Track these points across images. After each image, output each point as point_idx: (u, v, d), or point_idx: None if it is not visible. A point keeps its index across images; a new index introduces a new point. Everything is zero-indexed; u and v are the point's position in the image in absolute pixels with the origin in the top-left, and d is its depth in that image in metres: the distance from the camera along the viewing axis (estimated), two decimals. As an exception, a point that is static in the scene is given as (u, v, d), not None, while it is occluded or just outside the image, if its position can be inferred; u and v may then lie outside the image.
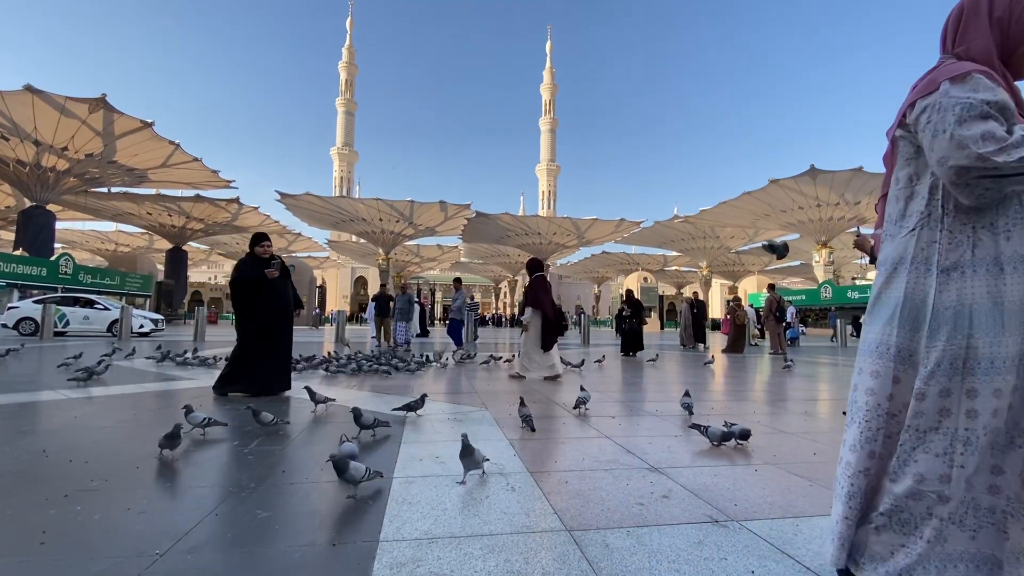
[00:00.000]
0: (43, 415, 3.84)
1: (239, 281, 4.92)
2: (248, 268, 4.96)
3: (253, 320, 4.90)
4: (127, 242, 52.86)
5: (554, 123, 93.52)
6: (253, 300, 4.91)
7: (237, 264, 5.08)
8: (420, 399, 3.82)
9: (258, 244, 5.06)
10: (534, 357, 6.66)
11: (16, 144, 25.39)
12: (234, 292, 4.97)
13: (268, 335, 4.90)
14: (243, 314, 4.93)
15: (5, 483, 2.28)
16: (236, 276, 4.96)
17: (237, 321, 4.94)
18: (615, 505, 2.06)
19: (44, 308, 14.61)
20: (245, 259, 5.05)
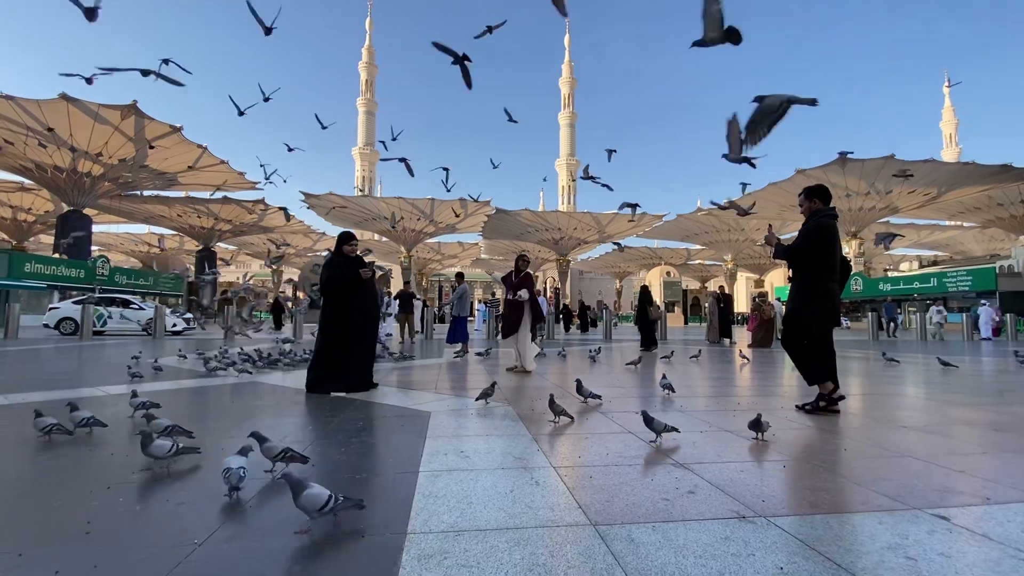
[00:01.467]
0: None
1: (335, 280, 4.90)
2: (340, 267, 4.95)
3: (345, 319, 4.89)
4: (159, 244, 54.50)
5: (573, 117, 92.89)
6: (347, 299, 4.90)
7: (327, 263, 5.08)
8: (491, 387, 4.17)
9: (346, 243, 5.08)
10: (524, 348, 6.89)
11: (53, 151, 26.44)
12: (328, 291, 4.95)
13: (361, 333, 4.92)
14: (334, 313, 4.92)
15: (52, 476, 2.40)
16: (331, 275, 4.94)
17: (326, 320, 4.94)
18: (640, 500, 2.05)
19: (83, 308, 15.21)
20: (334, 258, 5.04)
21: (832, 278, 4.07)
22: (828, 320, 4.07)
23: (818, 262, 4.04)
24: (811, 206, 4.21)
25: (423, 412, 3.91)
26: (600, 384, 5.70)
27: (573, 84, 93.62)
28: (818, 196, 4.21)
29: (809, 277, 4.09)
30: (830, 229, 4.06)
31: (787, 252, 4.14)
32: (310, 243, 53.06)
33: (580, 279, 79.13)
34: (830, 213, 4.16)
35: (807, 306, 4.07)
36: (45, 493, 2.15)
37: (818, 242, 4.03)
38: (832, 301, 4.05)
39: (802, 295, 4.11)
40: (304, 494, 1.70)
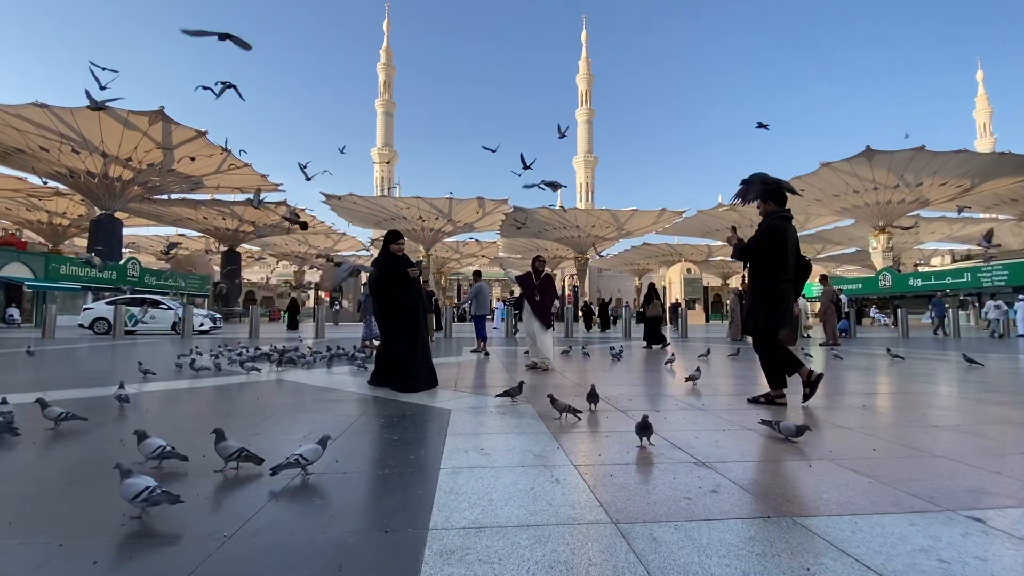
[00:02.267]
0: (120, 408, 4.14)
1: (385, 279, 4.90)
2: (388, 266, 4.95)
3: (396, 319, 4.91)
4: (186, 245, 56.01)
5: (591, 113, 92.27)
6: (396, 298, 4.90)
7: (375, 262, 5.10)
8: (519, 386, 4.20)
9: (394, 242, 5.06)
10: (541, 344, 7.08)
11: (86, 157, 27.35)
12: (378, 290, 4.96)
13: (413, 333, 4.92)
14: (386, 312, 4.93)
15: (88, 470, 2.49)
16: (380, 274, 4.95)
17: (381, 320, 4.97)
18: (662, 499, 2.04)
19: (116, 309, 15.72)
20: (382, 258, 5.04)
21: (784, 279, 4.16)
22: (778, 318, 4.17)
23: (771, 263, 4.14)
24: (766, 208, 4.28)
25: (443, 410, 3.94)
26: (621, 383, 5.67)
27: (590, 80, 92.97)
28: (773, 198, 4.27)
29: (763, 278, 4.20)
30: (782, 231, 4.11)
31: (741, 252, 4.25)
32: (331, 243, 53.86)
33: (599, 276, 78.64)
34: (784, 215, 4.22)
35: (760, 306, 4.19)
36: (82, 487, 2.24)
37: (770, 243, 4.12)
38: (784, 302, 4.17)
39: (756, 295, 4.22)
40: (123, 483, 1.83)
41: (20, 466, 2.57)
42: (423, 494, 2.10)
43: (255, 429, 3.34)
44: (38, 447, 2.88)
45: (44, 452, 2.81)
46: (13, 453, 2.79)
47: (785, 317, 4.19)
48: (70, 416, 3.24)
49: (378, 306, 4.97)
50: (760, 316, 4.18)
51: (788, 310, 4.21)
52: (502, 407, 4.04)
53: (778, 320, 4.17)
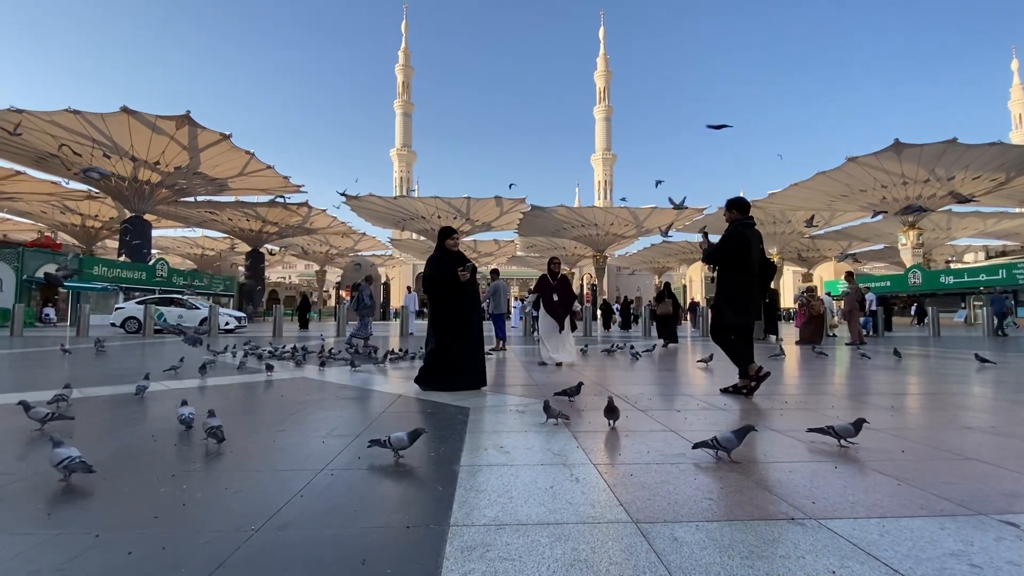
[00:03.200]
0: (148, 404, 4.28)
1: (436, 279, 4.79)
2: (443, 265, 4.83)
3: (449, 319, 4.81)
4: (212, 246, 57.40)
5: (609, 111, 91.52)
6: (450, 298, 4.81)
7: (430, 260, 4.94)
8: (577, 387, 4.18)
9: (448, 237, 4.96)
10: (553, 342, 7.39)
11: (116, 161, 28.21)
12: (431, 290, 4.86)
13: (465, 334, 4.82)
14: (439, 312, 4.83)
15: (122, 464, 2.58)
16: (432, 273, 4.85)
17: (433, 320, 4.86)
18: (683, 499, 2.02)
19: (145, 308, 16.20)
20: (436, 256, 4.92)
21: (748, 279, 4.59)
22: (744, 314, 4.59)
23: (734, 265, 4.58)
24: (731, 216, 4.75)
25: (463, 407, 3.97)
26: (641, 382, 5.63)
27: (609, 77, 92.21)
28: (736, 207, 4.76)
29: (728, 278, 4.63)
30: (743, 237, 4.55)
31: (709, 256, 4.75)
32: (351, 243, 54.55)
33: (618, 275, 78.07)
34: (746, 223, 4.66)
35: (726, 303, 4.62)
36: (117, 480, 2.32)
37: (733, 248, 4.57)
38: (749, 299, 4.58)
39: (722, 293, 4.67)
40: (52, 451, 2.22)
41: (59, 459, 2.67)
42: (443, 491, 2.12)
43: (280, 426, 3.42)
44: (83, 441, 2.99)
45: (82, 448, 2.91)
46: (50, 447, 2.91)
47: (751, 312, 4.62)
48: (56, 416, 3.21)
49: (430, 306, 4.87)
50: (729, 312, 4.62)
51: (754, 306, 4.64)
52: (520, 406, 4.05)
53: (746, 315, 4.60)
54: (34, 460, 2.66)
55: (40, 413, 3.20)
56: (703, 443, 2.57)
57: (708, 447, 2.54)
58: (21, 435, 3.20)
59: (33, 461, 2.63)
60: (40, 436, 3.07)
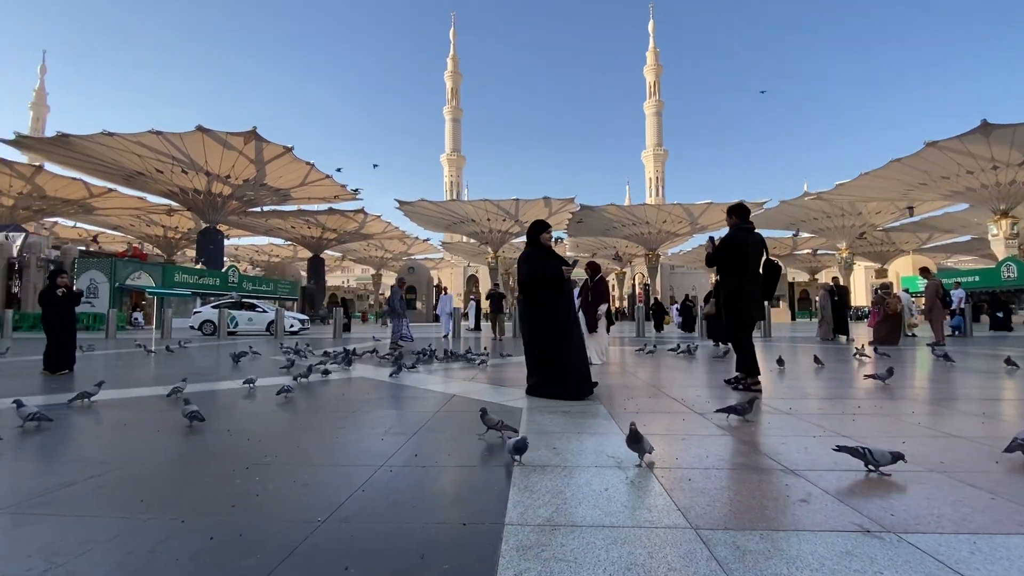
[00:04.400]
0: (224, 401, 4.59)
1: (543, 276, 4.39)
2: (542, 263, 4.46)
3: (558, 320, 4.41)
4: (277, 253, 60.88)
5: (659, 106, 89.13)
6: (555, 297, 4.42)
7: (526, 257, 4.53)
8: (749, 403, 3.47)
9: (543, 231, 4.59)
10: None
11: (192, 176, 30.52)
12: (533, 289, 4.43)
13: (571, 334, 4.42)
14: (544, 314, 4.41)
15: (202, 456, 2.78)
16: (534, 270, 4.41)
17: (535, 322, 4.42)
18: (745, 506, 1.94)
19: (220, 312, 17.39)
20: (532, 252, 4.54)
21: (748, 281, 4.85)
22: (748, 314, 4.83)
23: (734, 269, 4.84)
24: (731, 222, 5.01)
25: (515, 408, 3.99)
26: (698, 384, 5.45)
27: (659, 71, 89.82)
28: (736, 213, 5.01)
29: (728, 280, 4.89)
30: (740, 242, 4.82)
31: (708, 260, 5.03)
32: (404, 247, 56.17)
33: (671, 274, 75.87)
34: (745, 228, 4.91)
35: (729, 304, 4.87)
36: (198, 470, 2.51)
37: (732, 253, 4.83)
38: (749, 299, 4.83)
39: (725, 296, 4.92)
40: (18, 408, 3.25)
41: (150, 450, 2.92)
42: (498, 490, 2.14)
43: (341, 423, 3.57)
44: (165, 435, 3.26)
45: (169, 440, 3.17)
46: (144, 439, 3.19)
47: (753, 312, 4.86)
48: (39, 416, 3.36)
49: (528, 307, 4.48)
50: (731, 313, 4.87)
51: (756, 305, 4.89)
52: (573, 407, 4.02)
53: (747, 315, 4.83)
54: (129, 450, 2.92)
55: (26, 412, 3.36)
56: (848, 448, 2.40)
57: (856, 455, 2.33)
58: (120, 427, 3.53)
59: (128, 451, 2.89)
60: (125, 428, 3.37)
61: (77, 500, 2.09)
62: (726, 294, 4.91)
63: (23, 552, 1.60)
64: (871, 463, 2.29)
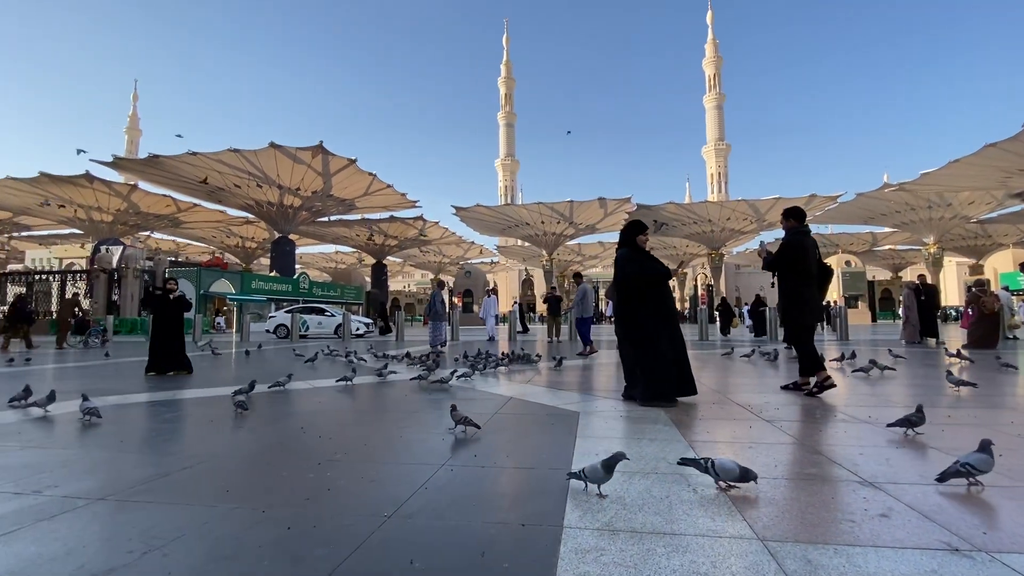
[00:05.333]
0: (298, 400, 4.89)
1: (648, 277, 4.32)
2: (642, 263, 4.40)
3: (663, 322, 4.33)
4: (343, 260, 63.94)
5: (720, 99, 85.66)
6: (658, 299, 4.37)
7: (627, 258, 4.45)
8: (919, 411, 3.05)
9: (640, 233, 4.51)
10: None
11: (266, 189, 32.68)
12: (636, 290, 4.33)
13: (675, 336, 4.35)
14: (650, 316, 4.30)
15: (279, 452, 2.99)
16: (637, 271, 4.35)
17: (633, 326, 4.31)
18: (818, 519, 1.84)
19: (292, 316, 18.49)
20: (630, 253, 4.48)
21: (807, 284, 4.84)
22: (809, 317, 4.86)
23: (794, 272, 4.81)
24: (787, 225, 5.01)
25: (571, 412, 3.98)
26: (767, 389, 5.20)
27: (719, 63, 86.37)
28: (793, 216, 5.01)
29: (789, 284, 4.86)
30: (799, 245, 4.81)
31: (767, 263, 4.97)
32: (461, 252, 57.31)
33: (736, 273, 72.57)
34: (802, 231, 4.94)
35: (792, 308, 4.85)
36: (275, 466, 2.70)
37: (791, 256, 4.80)
38: (810, 302, 4.86)
39: (786, 299, 4.90)
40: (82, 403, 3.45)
41: (234, 445, 3.18)
42: (556, 493, 2.16)
43: (404, 422, 3.71)
44: (246, 431, 3.53)
45: (250, 435, 3.43)
46: (228, 434, 3.47)
47: (814, 314, 4.93)
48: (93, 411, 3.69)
49: (628, 310, 4.34)
50: (793, 317, 4.86)
51: (816, 308, 4.97)
52: (631, 412, 3.95)
53: (808, 317, 4.85)
54: (216, 445, 3.19)
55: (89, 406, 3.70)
56: (690, 460, 2.24)
57: (699, 468, 2.17)
58: (207, 423, 3.86)
59: (215, 446, 3.16)
60: (212, 424, 3.68)
61: (172, 489, 2.32)
62: (788, 298, 4.91)
63: (125, 536, 1.79)
64: (716, 478, 2.12)
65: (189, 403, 4.74)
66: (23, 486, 2.33)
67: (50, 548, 1.69)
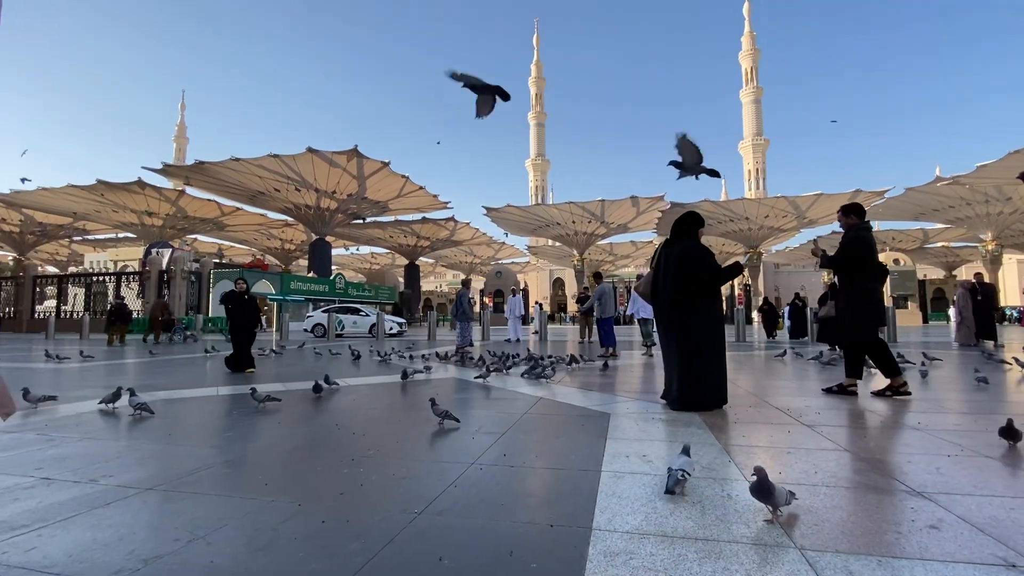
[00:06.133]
0: (333, 398, 5.02)
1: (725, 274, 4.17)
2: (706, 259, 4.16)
3: (717, 323, 4.16)
4: (377, 261, 65.29)
5: (758, 92, 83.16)
6: (715, 298, 4.20)
7: (703, 252, 4.22)
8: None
9: (701, 225, 4.36)
10: None
11: (304, 193, 33.70)
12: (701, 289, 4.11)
13: (723, 337, 4.20)
14: (713, 314, 4.11)
15: (314, 447, 3.08)
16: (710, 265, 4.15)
17: (698, 325, 4.03)
18: (860, 529, 1.76)
19: (329, 316, 19.01)
20: (700, 246, 4.24)
21: (873, 281, 4.70)
22: (872, 317, 4.67)
23: (860, 269, 4.64)
24: (848, 221, 4.82)
25: (603, 413, 3.94)
26: (807, 393, 5.02)
27: (756, 56, 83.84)
28: (854, 212, 4.83)
29: (852, 283, 4.68)
30: (865, 241, 4.67)
31: (831, 261, 4.80)
32: (492, 252, 57.58)
33: (775, 273, 70.30)
34: (865, 227, 4.78)
35: (859, 308, 4.64)
36: (310, 460, 2.78)
37: (857, 255, 4.64)
38: (876, 301, 4.72)
39: (851, 299, 4.69)
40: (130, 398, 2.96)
41: (272, 440, 3.29)
42: (585, 494, 2.14)
43: (434, 421, 3.76)
44: (285, 426, 3.65)
45: (288, 430, 3.54)
46: (266, 430, 3.59)
47: (880, 314, 4.81)
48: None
49: (694, 310, 4.05)
50: (861, 317, 4.64)
51: (881, 308, 4.86)
52: (663, 414, 3.88)
53: (875, 317, 4.71)
54: (255, 439, 3.31)
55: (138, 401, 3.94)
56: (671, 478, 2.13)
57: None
58: (245, 417, 4.00)
59: (254, 440, 3.28)
60: (250, 419, 3.81)
61: (215, 481, 2.42)
62: (856, 298, 4.67)
63: (172, 524, 1.88)
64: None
65: (223, 400, 4.93)
66: (81, 475, 2.47)
67: (104, 534, 1.79)
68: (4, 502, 2.12)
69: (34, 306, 30.96)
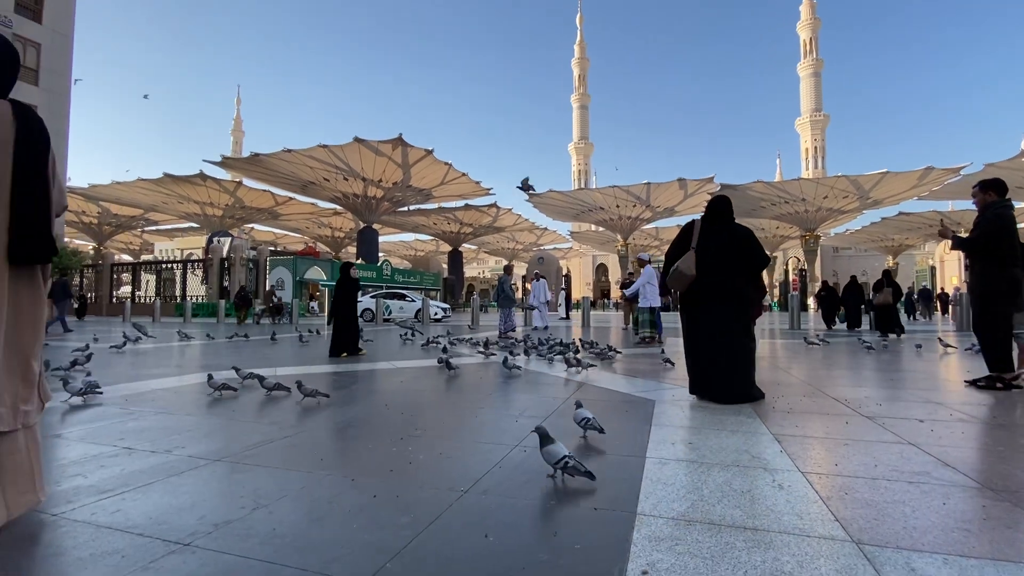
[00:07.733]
0: (382, 379, 5.20)
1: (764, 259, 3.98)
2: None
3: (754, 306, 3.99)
4: (422, 248, 66.55)
5: (817, 65, 78.01)
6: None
7: (756, 238, 4.01)
8: None
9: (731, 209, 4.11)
10: None
11: (352, 182, 34.63)
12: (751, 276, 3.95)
13: None
14: (750, 305, 3.95)
15: (364, 426, 3.20)
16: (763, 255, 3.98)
17: (747, 319, 3.90)
18: (925, 525, 1.67)
19: (376, 301, 19.60)
20: (749, 231, 4.05)
21: (1014, 264, 4.29)
22: (1010, 303, 4.31)
23: (999, 251, 4.30)
24: (986, 198, 4.47)
25: (647, 400, 3.90)
26: (867, 383, 4.76)
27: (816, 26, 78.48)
28: (993, 188, 4.48)
29: (995, 265, 4.33)
30: (1006, 219, 4.31)
31: (968, 243, 4.43)
32: (534, 238, 57.41)
33: (834, 257, 66.59)
34: (1007, 204, 4.41)
35: (1000, 295, 4.30)
36: (362, 439, 2.90)
37: (994, 233, 4.29)
38: (1015, 285, 4.31)
39: (984, 281, 4.37)
40: (545, 448, 2.12)
41: (327, 418, 3.45)
42: (630, 479, 2.13)
43: (480, 404, 3.83)
44: (336, 406, 3.82)
45: (340, 409, 3.71)
46: (322, 408, 3.77)
47: (1020, 301, 4.38)
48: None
49: (743, 299, 3.88)
50: (1000, 303, 4.31)
51: (1021, 293, 4.38)
52: (705, 401, 3.79)
53: (1015, 305, 4.34)
54: (311, 417, 3.48)
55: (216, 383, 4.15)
56: None
57: None
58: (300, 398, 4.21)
59: (311, 418, 3.45)
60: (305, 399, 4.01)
61: (275, 455, 2.57)
62: (996, 282, 4.33)
63: (238, 493, 2.02)
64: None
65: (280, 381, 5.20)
66: (157, 446, 2.69)
67: (179, 500, 1.94)
68: (92, 468, 2.33)
69: (111, 291, 33.62)
